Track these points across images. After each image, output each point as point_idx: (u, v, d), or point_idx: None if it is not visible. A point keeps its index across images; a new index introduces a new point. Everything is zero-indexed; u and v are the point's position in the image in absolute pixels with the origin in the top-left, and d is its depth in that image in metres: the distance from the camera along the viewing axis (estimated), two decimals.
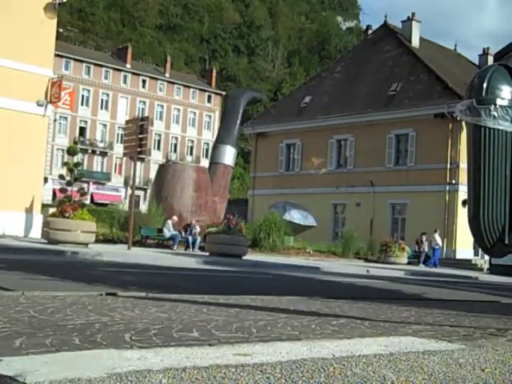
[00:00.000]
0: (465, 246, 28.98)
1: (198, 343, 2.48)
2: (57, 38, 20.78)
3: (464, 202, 30.38)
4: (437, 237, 29.21)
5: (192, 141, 78.97)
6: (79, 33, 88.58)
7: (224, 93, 77.77)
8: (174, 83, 77.63)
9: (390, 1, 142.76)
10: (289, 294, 5.86)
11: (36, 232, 18.54)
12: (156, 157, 72.88)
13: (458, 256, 31.11)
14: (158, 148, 75.69)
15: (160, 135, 75.88)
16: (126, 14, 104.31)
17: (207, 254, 18.78)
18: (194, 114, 79.15)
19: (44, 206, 21.90)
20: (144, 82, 75.09)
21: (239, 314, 3.78)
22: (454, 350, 2.63)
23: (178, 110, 77.78)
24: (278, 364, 2.11)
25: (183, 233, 21.73)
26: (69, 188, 18.20)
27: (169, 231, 21.34)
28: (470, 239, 4.78)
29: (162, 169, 25.61)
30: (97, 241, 17.29)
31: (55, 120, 63.57)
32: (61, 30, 39.67)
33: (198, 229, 21.51)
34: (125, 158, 61.03)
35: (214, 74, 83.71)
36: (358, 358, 2.30)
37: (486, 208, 3.73)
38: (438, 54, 41.27)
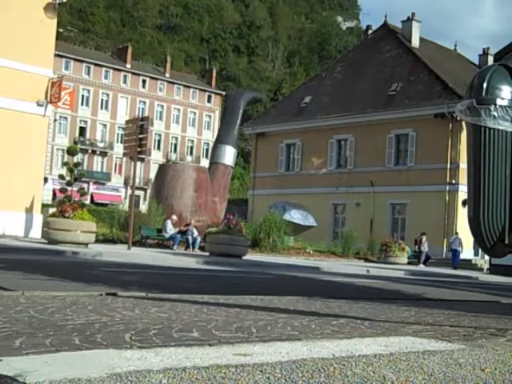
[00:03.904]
0: (465, 245, 28.95)
1: (198, 343, 2.48)
2: (57, 38, 20.78)
3: (464, 202, 30.37)
4: (457, 239, 29.18)
5: (192, 141, 78.97)
6: (79, 33, 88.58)
7: (224, 93, 77.80)
8: (174, 83, 77.64)
9: (390, 1, 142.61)
10: (289, 294, 5.85)
11: (36, 232, 18.53)
12: (156, 157, 72.90)
13: None
14: (158, 148, 75.70)
15: (160, 135, 75.89)
16: (126, 14, 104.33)
17: (207, 253, 18.77)
18: (194, 114, 79.14)
19: (44, 206, 21.88)
20: (144, 81, 75.10)
21: (239, 314, 3.78)
22: (454, 350, 2.63)
23: (178, 109, 77.77)
24: (277, 364, 2.11)
25: (179, 235, 21.39)
26: (69, 188, 18.22)
27: (167, 231, 21.30)
28: (470, 239, 4.78)
29: (162, 169, 25.59)
30: (97, 241, 17.28)
31: (55, 120, 63.58)
32: (61, 30, 39.72)
33: (195, 232, 21.35)
34: (125, 158, 61.08)
35: (214, 74, 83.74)
36: (358, 358, 2.30)
37: (486, 208, 3.73)
38: (438, 54, 41.28)
